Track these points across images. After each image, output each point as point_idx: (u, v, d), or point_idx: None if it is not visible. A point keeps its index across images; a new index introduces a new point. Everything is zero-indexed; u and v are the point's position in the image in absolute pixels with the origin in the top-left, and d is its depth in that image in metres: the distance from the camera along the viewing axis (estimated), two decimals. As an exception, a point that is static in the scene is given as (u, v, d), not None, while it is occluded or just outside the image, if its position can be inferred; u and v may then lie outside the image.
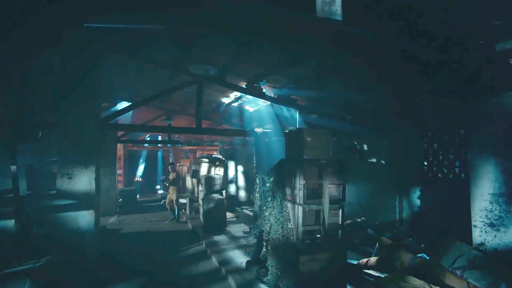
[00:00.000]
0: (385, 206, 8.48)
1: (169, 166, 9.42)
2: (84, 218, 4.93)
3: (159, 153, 18.98)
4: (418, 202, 7.70)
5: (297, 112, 6.96)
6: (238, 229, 7.33)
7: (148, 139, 15.48)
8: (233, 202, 9.83)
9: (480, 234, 2.75)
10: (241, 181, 11.03)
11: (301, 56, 4.17)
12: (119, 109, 9.68)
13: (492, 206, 2.66)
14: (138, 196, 13.31)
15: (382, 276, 4.00)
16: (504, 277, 2.29)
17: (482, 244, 2.70)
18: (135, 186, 14.64)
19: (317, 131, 4.15)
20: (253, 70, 5.76)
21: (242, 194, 10.98)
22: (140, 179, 16.86)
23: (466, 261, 2.62)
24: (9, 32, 3.16)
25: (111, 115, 5.61)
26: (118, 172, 12.47)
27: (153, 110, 11.11)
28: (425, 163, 6.82)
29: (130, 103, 9.37)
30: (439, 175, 5.91)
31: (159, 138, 14.83)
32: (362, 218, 7.42)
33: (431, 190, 6.66)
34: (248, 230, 6.96)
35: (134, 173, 17.19)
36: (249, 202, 10.00)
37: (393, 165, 8.30)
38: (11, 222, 4.51)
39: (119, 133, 10.38)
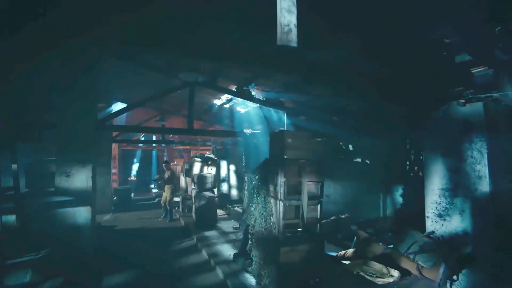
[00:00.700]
0: (369, 204, 8.93)
1: (164, 165, 9.65)
2: (82, 213, 5.23)
3: (154, 153, 19.23)
4: (400, 199, 8.17)
5: (285, 114, 7.34)
6: (228, 225, 7.70)
7: (143, 138, 15.72)
8: (224, 200, 10.19)
9: (431, 223, 3.16)
10: (233, 180, 11.38)
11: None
12: (114, 109, 9.98)
13: (441, 199, 3.07)
14: (132, 195, 13.56)
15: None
16: (445, 259, 2.70)
17: (433, 232, 3.11)
18: (130, 185, 14.89)
19: (298, 133, 4.54)
20: (241, 74, 6.12)
21: (234, 192, 11.33)
22: (135, 178, 17.10)
23: (418, 247, 3.03)
24: (9, 33, 3.35)
25: (108, 116, 5.91)
26: (113, 171, 12.73)
27: (148, 110, 11.38)
28: (408, 163, 7.23)
29: (125, 104, 9.67)
30: (420, 174, 6.34)
31: (154, 138, 15.09)
32: (346, 215, 7.83)
33: (412, 188, 7.09)
34: (238, 226, 7.32)
35: (128, 172, 17.43)
36: (240, 200, 10.36)
37: (377, 165, 8.75)
38: (12, 218, 4.82)
39: (114, 133, 10.66)
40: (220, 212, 9.03)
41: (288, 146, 4.35)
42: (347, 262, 4.83)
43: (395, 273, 2.86)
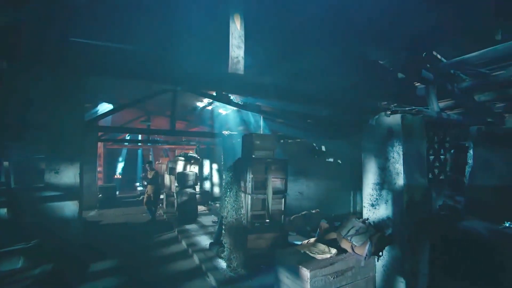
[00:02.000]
0: (341, 200, 9.68)
1: (147, 165, 9.96)
2: (70, 207, 5.70)
3: (139, 152, 19.51)
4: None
5: (261, 117, 7.97)
6: (208, 220, 8.27)
7: (128, 138, 16.01)
8: (206, 197, 10.74)
9: (367, 212, 3.85)
10: (215, 178, 11.94)
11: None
12: (100, 109, 10.35)
13: (373, 192, 3.76)
14: (117, 193, 13.89)
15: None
16: (370, 238, 3.39)
17: (367, 219, 3.80)
18: (115, 183, 15.19)
19: (265, 136, 5.18)
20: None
21: (216, 190, 11.89)
22: (120, 176, 17.36)
23: (354, 231, 3.71)
24: None
25: (95, 118, 6.38)
26: (98, 169, 13.01)
27: (133, 111, 11.74)
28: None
29: (110, 104, 10.06)
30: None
31: (139, 137, 15.41)
32: (317, 210, 8.55)
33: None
34: (217, 220, 7.90)
35: (114, 171, 17.66)
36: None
37: (348, 165, 9.51)
38: (3, 211, 5.26)
39: (100, 133, 11.00)
40: (201, 208, 9.59)
41: (256, 147, 4.99)
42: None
43: (333, 251, 3.52)
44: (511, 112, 5.74)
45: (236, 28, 2.49)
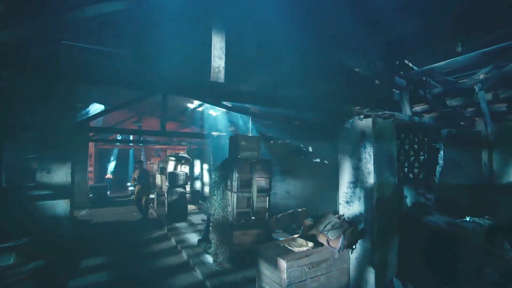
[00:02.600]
0: (327, 199, 9.98)
1: (137, 164, 10.01)
2: (61, 205, 5.86)
3: (131, 152, 19.55)
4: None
5: (250, 119, 8.23)
6: (198, 218, 8.50)
7: (120, 138, 16.08)
8: (197, 196, 10.95)
9: (342, 208, 4.16)
10: (206, 177, 12.14)
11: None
12: (91, 109, 10.47)
13: (348, 190, 4.07)
14: (108, 192, 13.97)
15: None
16: (344, 233, 3.69)
17: (342, 215, 4.11)
18: (106, 183, 15.24)
19: (250, 137, 5.45)
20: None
21: (207, 189, 12.08)
22: (111, 176, 17.39)
23: (330, 226, 4.01)
24: None
25: (87, 119, 6.55)
26: (89, 169, 13.09)
27: (125, 111, 11.87)
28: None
29: (101, 105, 10.20)
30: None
31: (131, 137, 15.50)
32: (303, 208, 8.84)
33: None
34: (206, 218, 8.13)
35: (105, 171, 17.67)
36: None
37: (334, 165, 9.83)
38: (-5, 209, 5.39)
39: (91, 133, 11.10)
40: (192, 207, 9.80)
41: (242, 148, 5.25)
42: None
43: (310, 244, 3.81)
44: (480, 116, 6.15)
45: (218, 41, 2.75)
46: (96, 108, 10.56)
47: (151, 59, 2.91)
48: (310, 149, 10.01)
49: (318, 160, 10.14)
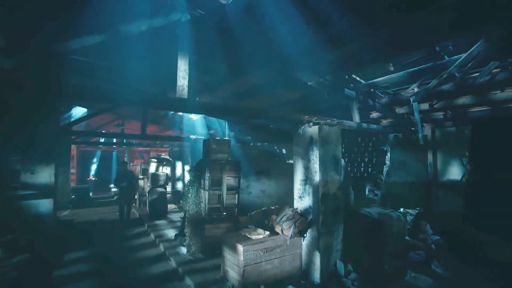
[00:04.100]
0: (301, 198, 10.68)
1: (120, 166, 10.43)
2: (45, 204, 6.19)
3: (114, 153, 19.72)
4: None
5: (226, 123, 8.86)
6: (177, 216, 9.01)
7: (103, 140, 16.29)
8: (178, 196, 11.43)
9: (296, 203, 4.84)
10: (187, 178, 12.63)
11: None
12: (73, 113, 10.77)
13: (300, 187, 4.77)
14: (91, 194, 14.20)
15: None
16: (295, 223, 4.38)
17: (296, 208, 4.80)
18: (89, 184, 15.44)
19: (221, 140, 6.07)
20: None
21: (188, 190, 12.58)
22: (94, 178, 17.54)
23: (285, 218, 4.69)
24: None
25: (70, 123, 6.97)
26: (72, 171, 13.33)
27: (108, 114, 12.22)
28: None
29: (84, 108, 10.53)
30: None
31: (114, 139, 15.77)
32: (276, 206, 9.49)
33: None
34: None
35: (87, 172, 17.81)
36: (193, 196, 11.65)
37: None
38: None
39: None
40: (172, 206, 10.29)
41: (213, 150, 5.87)
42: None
43: (266, 233, 4.47)
44: (427, 122, 7.04)
45: (182, 64, 3.37)
46: (78, 111, 10.86)
47: (128, 80, 3.50)
48: (284, 151, 10.71)
49: (291, 161, 10.85)
